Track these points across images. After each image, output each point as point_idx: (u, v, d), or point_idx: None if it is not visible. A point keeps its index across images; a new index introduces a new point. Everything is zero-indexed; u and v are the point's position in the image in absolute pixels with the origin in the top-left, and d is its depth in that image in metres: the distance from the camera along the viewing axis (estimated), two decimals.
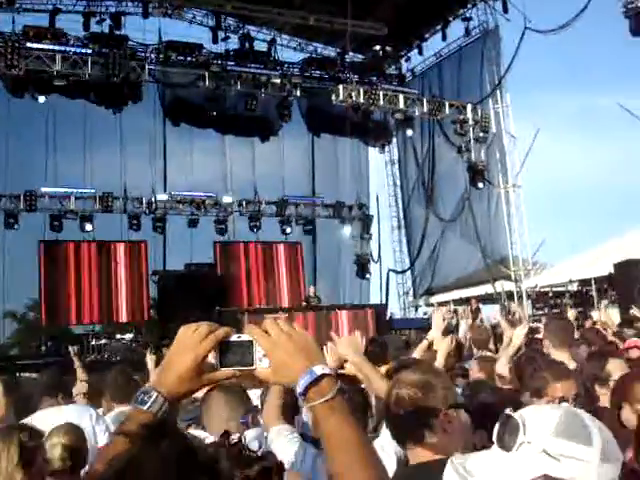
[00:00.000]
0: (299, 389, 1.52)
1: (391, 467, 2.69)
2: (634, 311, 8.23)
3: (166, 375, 1.60)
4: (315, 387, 1.50)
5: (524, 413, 1.52)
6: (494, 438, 1.52)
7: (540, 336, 6.30)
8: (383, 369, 4.36)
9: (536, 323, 8.09)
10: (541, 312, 21.48)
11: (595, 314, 17.70)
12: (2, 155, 21.05)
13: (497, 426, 1.52)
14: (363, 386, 3.86)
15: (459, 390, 3.73)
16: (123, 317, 22.48)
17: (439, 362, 4.39)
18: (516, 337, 4.99)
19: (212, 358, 1.66)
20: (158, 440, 1.23)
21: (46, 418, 4.03)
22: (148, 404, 1.55)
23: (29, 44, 19.90)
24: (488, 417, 1.99)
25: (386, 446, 2.79)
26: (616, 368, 4.09)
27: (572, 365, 4.92)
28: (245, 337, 1.58)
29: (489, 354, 6.85)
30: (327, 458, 1.49)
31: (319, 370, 1.52)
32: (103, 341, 19.58)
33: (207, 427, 3.51)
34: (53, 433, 3.60)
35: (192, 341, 1.58)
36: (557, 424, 1.46)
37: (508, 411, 1.52)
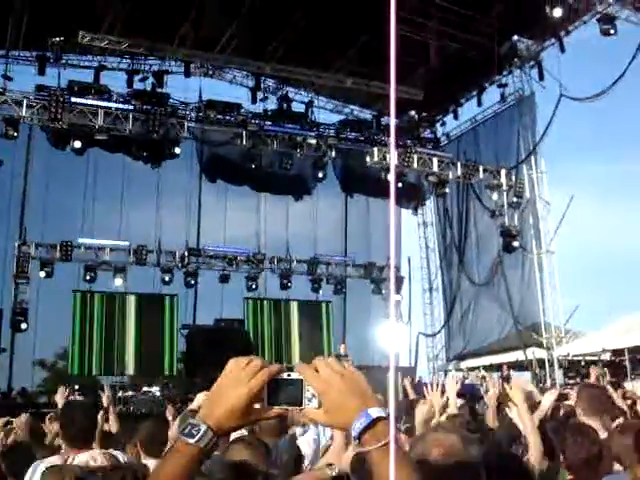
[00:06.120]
0: (354, 432, 1.44)
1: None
2: None
3: (216, 408, 1.53)
4: (371, 430, 1.43)
5: None
6: None
7: (571, 402, 6.19)
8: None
9: (567, 390, 7.94)
10: (572, 381, 21.05)
11: (628, 385, 17.35)
12: (41, 205, 21.58)
13: None
14: None
15: None
16: (150, 370, 22.49)
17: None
18: (545, 400, 4.90)
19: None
20: None
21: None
22: (197, 437, 1.48)
23: (73, 99, 20.55)
24: None
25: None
26: None
27: (604, 434, 4.82)
28: (295, 375, 1.54)
29: None
30: None
31: (375, 413, 1.45)
32: (130, 393, 19.57)
33: None
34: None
35: (244, 375, 1.52)
36: None
37: None
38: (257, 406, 1.56)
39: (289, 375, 1.55)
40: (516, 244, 24.12)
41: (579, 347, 22.75)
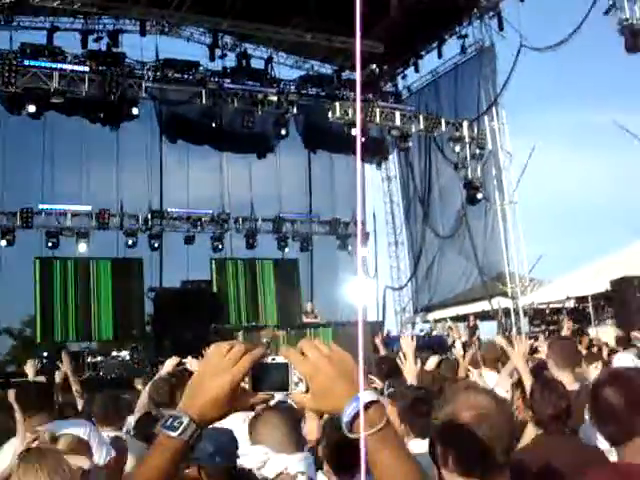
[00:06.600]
0: (345, 418, 1.37)
1: None
2: (635, 333, 8.23)
3: (198, 399, 1.46)
4: (363, 416, 1.36)
5: None
6: None
7: (542, 356, 6.28)
8: None
9: (533, 340, 8.03)
10: (538, 329, 21.45)
11: (592, 331, 17.74)
12: None
13: None
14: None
15: None
16: (119, 334, 22.35)
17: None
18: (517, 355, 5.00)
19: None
20: None
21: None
22: (179, 430, 1.42)
23: (26, 61, 19.94)
24: None
25: None
26: None
27: (575, 386, 4.90)
28: (280, 359, 1.48)
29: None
30: None
31: (366, 397, 1.37)
32: (98, 358, 19.47)
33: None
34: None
35: (227, 362, 1.45)
36: None
37: None
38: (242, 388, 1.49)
39: (274, 359, 1.49)
40: (479, 196, 24.28)
41: (543, 295, 23.17)
